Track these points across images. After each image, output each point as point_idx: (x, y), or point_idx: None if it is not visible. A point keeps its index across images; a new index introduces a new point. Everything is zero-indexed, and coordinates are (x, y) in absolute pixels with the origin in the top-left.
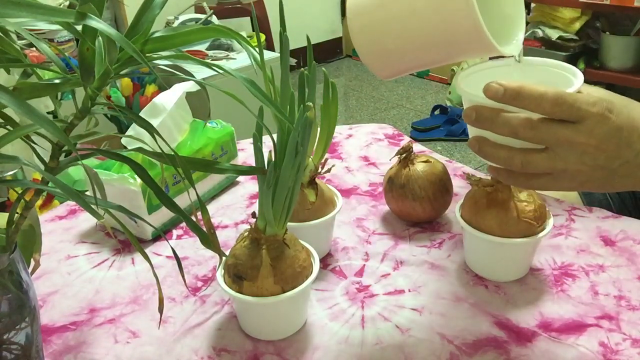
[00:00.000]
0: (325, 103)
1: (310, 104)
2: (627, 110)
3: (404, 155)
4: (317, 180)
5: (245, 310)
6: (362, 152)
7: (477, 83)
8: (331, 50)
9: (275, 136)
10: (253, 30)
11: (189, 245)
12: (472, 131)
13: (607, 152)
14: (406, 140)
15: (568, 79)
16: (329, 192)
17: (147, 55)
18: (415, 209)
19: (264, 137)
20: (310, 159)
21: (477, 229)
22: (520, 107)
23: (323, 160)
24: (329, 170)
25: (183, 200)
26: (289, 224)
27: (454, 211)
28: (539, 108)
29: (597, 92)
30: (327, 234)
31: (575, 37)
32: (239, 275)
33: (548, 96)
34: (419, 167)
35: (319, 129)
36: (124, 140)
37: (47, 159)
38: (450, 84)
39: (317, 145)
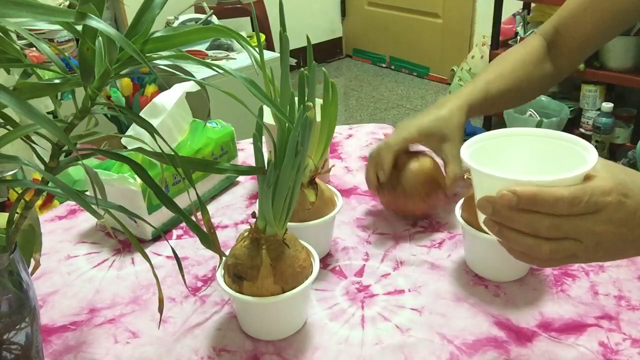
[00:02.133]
0: (325, 103)
1: (310, 104)
2: (639, 190)
3: None
4: (317, 180)
5: (245, 310)
6: (362, 152)
7: (485, 154)
8: (331, 50)
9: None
10: (253, 30)
11: (189, 245)
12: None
13: (623, 235)
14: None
15: (580, 155)
16: (329, 192)
17: (147, 55)
18: (408, 206)
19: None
20: (310, 159)
21: (477, 229)
22: (533, 209)
23: (323, 160)
24: (328, 171)
25: (183, 200)
26: (289, 224)
27: (453, 211)
28: (556, 212)
29: (610, 172)
30: (327, 234)
31: None
32: (239, 275)
33: (564, 200)
34: (410, 165)
35: (318, 128)
36: (124, 140)
37: (47, 159)
38: (450, 84)
39: (317, 145)
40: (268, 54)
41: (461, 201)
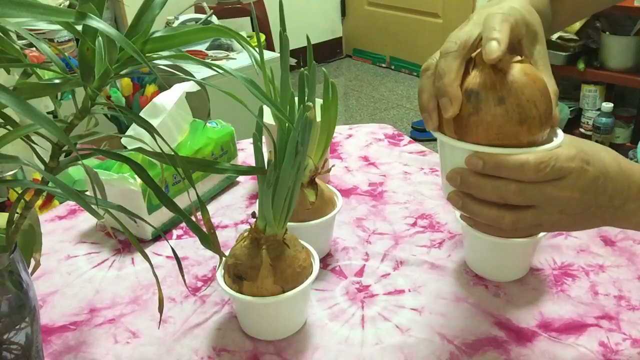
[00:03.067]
0: (325, 103)
1: (310, 104)
2: (599, 159)
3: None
4: (317, 180)
5: (245, 310)
6: (362, 152)
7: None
8: (331, 50)
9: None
10: (253, 30)
11: (189, 245)
12: (447, 183)
13: (586, 201)
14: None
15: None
16: (329, 192)
17: (147, 55)
18: (519, 136)
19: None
20: (310, 159)
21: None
22: (503, 177)
23: (323, 160)
24: (328, 170)
25: (183, 200)
26: (289, 224)
27: (453, 211)
28: (522, 177)
29: (572, 141)
30: (327, 234)
31: (575, 37)
32: (239, 275)
33: (530, 165)
34: (517, 70)
35: (318, 128)
36: (124, 140)
37: (47, 159)
38: None
39: (317, 145)
40: (268, 54)
41: None
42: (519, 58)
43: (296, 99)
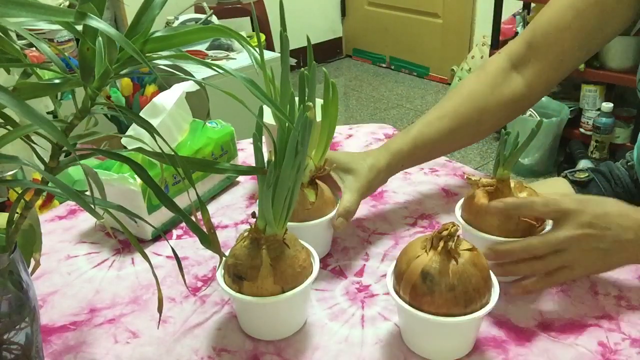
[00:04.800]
0: (326, 103)
1: (310, 104)
2: (593, 202)
3: (446, 241)
4: (317, 180)
5: (245, 310)
6: None
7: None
8: (331, 50)
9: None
10: (253, 30)
11: (189, 245)
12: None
13: (593, 236)
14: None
15: None
16: (329, 192)
17: (147, 55)
18: (458, 312)
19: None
20: (310, 159)
21: (478, 229)
22: (518, 215)
23: (324, 160)
24: (328, 171)
25: (183, 200)
26: (289, 224)
27: (453, 211)
28: (534, 212)
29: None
30: (327, 234)
31: None
32: (239, 275)
33: (537, 202)
34: (467, 259)
35: (319, 128)
36: (124, 140)
37: (47, 159)
38: (450, 84)
39: (318, 145)
40: (268, 54)
41: (461, 201)
42: (470, 246)
43: (297, 99)
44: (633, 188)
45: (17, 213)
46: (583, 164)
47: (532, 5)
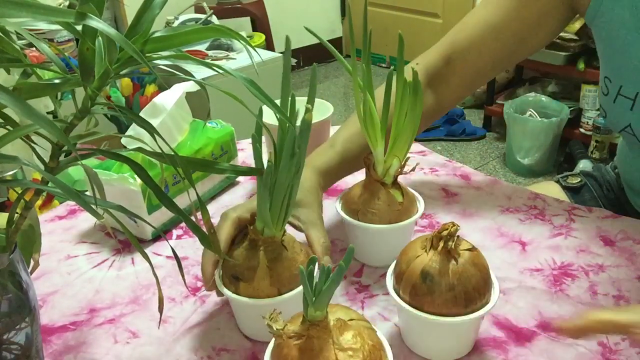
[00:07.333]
0: (412, 100)
1: (309, 106)
2: None
3: (446, 241)
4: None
5: (242, 311)
6: None
7: None
8: None
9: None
10: (253, 30)
11: (189, 245)
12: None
13: None
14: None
15: None
16: (409, 190)
17: (147, 55)
18: (458, 312)
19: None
20: (396, 157)
21: None
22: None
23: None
24: (413, 169)
25: (183, 200)
26: (382, 226)
27: (454, 211)
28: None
29: None
30: (409, 237)
31: (575, 37)
32: (236, 276)
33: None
34: (467, 259)
35: (403, 127)
36: (124, 140)
37: (47, 159)
38: None
39: (404, 142)
40: (268, 54)
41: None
42: (470, 246)
43: (303, 98)
44: (621, 195)
45: (17, 213)
46: (583, 164)
47: None
